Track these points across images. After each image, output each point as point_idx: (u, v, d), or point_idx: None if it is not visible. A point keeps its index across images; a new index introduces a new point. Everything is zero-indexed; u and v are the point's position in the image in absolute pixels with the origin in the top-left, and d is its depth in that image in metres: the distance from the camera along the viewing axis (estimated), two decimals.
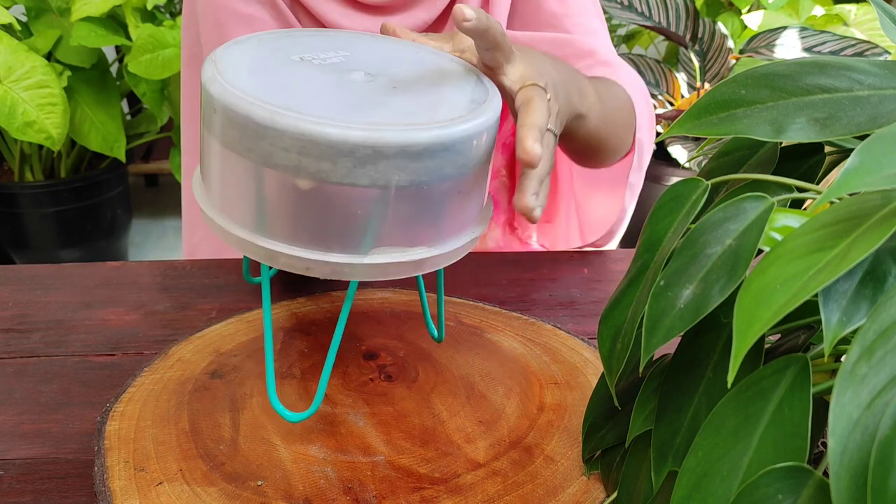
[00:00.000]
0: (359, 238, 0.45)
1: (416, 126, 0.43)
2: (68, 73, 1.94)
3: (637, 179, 0.84)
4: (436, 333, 0.63)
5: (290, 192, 0.43)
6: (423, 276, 0.65)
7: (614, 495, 0.45)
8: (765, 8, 2.14)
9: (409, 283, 0.74)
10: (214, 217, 0.48)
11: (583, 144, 0.69)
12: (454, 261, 0.50)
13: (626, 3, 2.12)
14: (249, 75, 0.46)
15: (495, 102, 0.49)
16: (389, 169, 0.42)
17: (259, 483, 0.49)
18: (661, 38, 2.49)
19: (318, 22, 0.79)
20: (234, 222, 0.47)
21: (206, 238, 0.91)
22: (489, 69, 0.53)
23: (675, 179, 2.03)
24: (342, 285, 0.73)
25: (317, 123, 0.42)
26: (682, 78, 2.19)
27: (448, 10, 0.81)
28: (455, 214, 0.48)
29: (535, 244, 0.97)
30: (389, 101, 0.46)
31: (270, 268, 0.52)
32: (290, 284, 0.73)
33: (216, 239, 0.90)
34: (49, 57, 1.97)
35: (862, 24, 2.12)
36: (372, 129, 0.42)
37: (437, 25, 0.82)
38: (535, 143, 0.47)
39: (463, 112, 0.46)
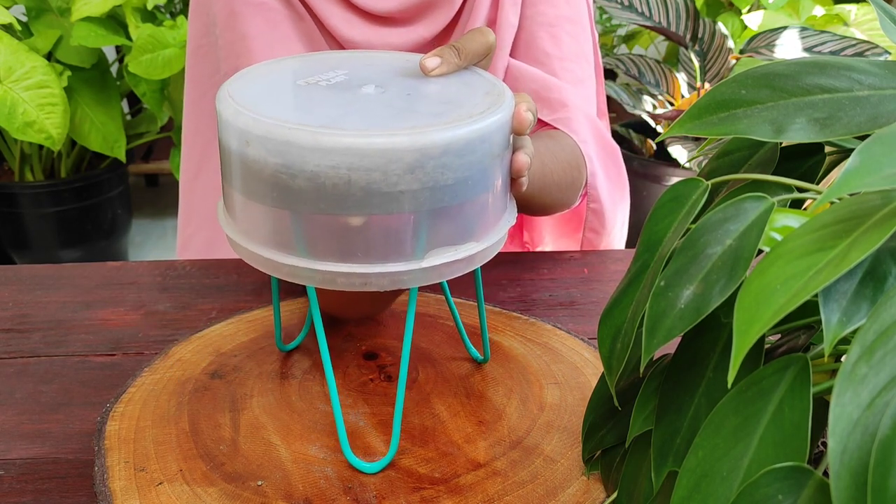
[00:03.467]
0: (414, 243, 0.45)
1: (455, 124, 0.44)
2: (68, 73, 1.94)
3: (598, 240, 0.87)
4: (479, 356, 0.62)
5: (341, 210, 0.43)
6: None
7: (614, 495, 0.45)
8: (765, 8, 2.14)
9: None
10: (256, 250, 0.46)
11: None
12: (497, 252, 0.50)
13: (626, 3, 2.12)
14: (272, 103, 0.46)
15: (507, 89, 0.50)
16: (437, 169, 0.43)
17: (259, 483, 0.49)
18: (662, 38, 2.49)
19: (319, 23, 0.80)
20: (281, 251, 0.46)
21: (200, 229, 0.91)
22: None
23: (675, 179, 2.03)
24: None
25: (362, 136, 0.42)
26: (682, 78, 2.19)
27: (447, 29, 0.81)
28: (495, 204, 0.49)
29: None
30: (412, 106, 0.47)
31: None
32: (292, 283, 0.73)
33: (209, 230, 0.90)
34: (49, 57, 1.97)
35: (862, 24, 2.11)
36: (415, 132, 0.43)
37: (436, 43, 0.82)
38: (435, 56, 0.51)
39: (485, 104, 0.47)
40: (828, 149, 0.43)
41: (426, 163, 0.43)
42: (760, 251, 0.34)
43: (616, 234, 0.89)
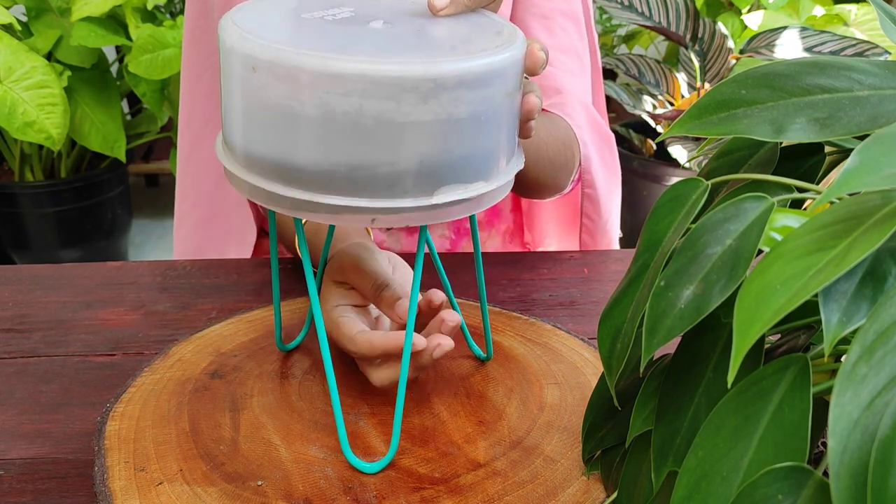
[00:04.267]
0: (424, 178, 0.43)
1: (470, 56, 0.42)
2: (68, 73, 1.94)
3: (595, 227, 0.87)
4: (482, 354, 0.62)
5: (351, 140, 0.42)
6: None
7: (614, 495, 0.45)
8: (765, 8, 2.14)
9: None
10: (258, 183, 0.44)
11: None
12: (504, 195, 0.49)
13: (626, 3, 2.12)
14: (280, 31, 0.44)
15: (518, 30, 0.48)
16: (450, 101, 0.42)
17: (259, 483, 0.49)
18: (662, 38, 2.49)
19: None
20: (285, 184, 0.44)
21: (195, 206, 0.91)
22: None
23: (675, 179, 2.03)
24: None
25: (375, 63, 0.40)
26: (682, 78, 2.19)
27: None
28: (505, 145, 0.47)
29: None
30: (424, 41, 0.45)
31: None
32: (292, 283, 0.73)
33: (204, 207, 0.90)
34: (49, 57, 1.97)
35: (862, 24, 2.12)
36: (431, 62, 0.41)
37: None
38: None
39: (498, 41, 0.45)
40: (828, 149, 0.43)
41: (440, 93, 0.41)
42: (760, 251, 0.34)
43: (612, 221, 0.89)
